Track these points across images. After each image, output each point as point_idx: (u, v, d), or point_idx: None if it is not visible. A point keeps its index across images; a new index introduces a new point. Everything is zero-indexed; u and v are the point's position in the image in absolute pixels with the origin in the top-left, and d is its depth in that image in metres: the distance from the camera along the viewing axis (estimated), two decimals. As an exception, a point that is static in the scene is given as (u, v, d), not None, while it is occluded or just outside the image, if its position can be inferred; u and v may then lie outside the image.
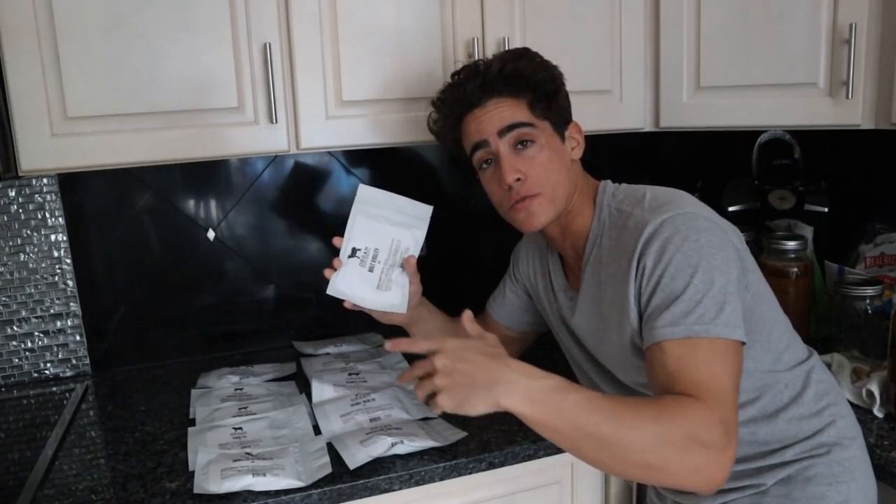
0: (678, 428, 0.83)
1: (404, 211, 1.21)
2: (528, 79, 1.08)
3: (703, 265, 0.93)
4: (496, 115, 1.07)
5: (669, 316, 0.92)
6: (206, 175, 1.63)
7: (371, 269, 1.21)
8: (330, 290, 1.20)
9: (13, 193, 1.51)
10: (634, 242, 0.98)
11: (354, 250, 1.20)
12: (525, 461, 1.19)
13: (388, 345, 0.96)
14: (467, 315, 0.97)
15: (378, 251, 1.21)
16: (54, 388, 1.53)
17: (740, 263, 0.99)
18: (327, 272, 1.20)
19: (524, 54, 1.12)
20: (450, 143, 1.17)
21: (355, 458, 1.12)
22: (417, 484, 1.13)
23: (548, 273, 1.21)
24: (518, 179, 1.06)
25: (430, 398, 0.88)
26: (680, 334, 0.91)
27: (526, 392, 0.84)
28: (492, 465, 1.17)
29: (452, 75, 1.15)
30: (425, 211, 1.22)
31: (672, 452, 0.83)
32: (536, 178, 1.06)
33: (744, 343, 0.93)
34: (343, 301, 1.21)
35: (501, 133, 1.07)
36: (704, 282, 0.92)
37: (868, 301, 1.40)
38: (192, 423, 1.30)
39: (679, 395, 0.88)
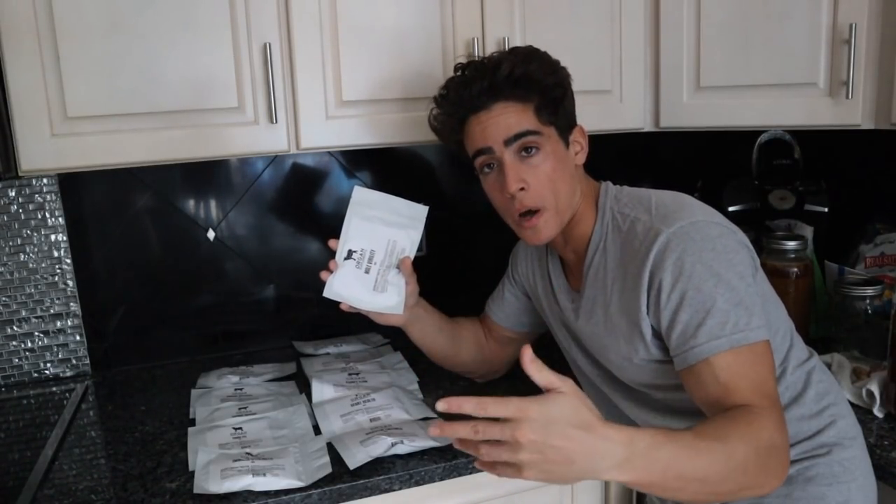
0: (763, 442, 0.86)
1: (400, 212, 1.21)
2: (538, 83, 1.05)
3: (723, 273, 0.94)
4: (502, 122, 1.05)
5: (707, 331, 0.92)
6: (206, 175, 1.63)
7: (367, 271, 1.21)
8: (326, 293, 1.20)
9: (13, 193, 1.51)
10: (645, 252, 0.98)
11: (350, 252, 1.20)
12: (525, 461, 1.19)
13: (434, 430, 0.76)
14: (528, 355, 0.77)
15: (374, 252, 1.21)
16: (54, 388, 1.53)
17: (752, 263, 1.00)
18: (323, 274, 1.20)
19: (534, 55, 1.09)
20: (452, 144, 1.15)
21: (355, 458, 1.12)
22: (417, 484, 1.12)
23: (547, 275, 1.21)
24: (521, 189, 1.05)
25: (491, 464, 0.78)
26: (724, 347, 0.92)
27: (628, 461, 0.77)
28: (492, 465, 1.17)
29: (456, 68, 1.12)
30: (420, 211, 1.22)
31: (765, 465, 0.86)
32: (540, 188, 1.05)
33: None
34: (340, 303, 1.21)
35: (508, 142, 1.05)
36: (729, 289, 0.93)
37: (868, 301, 1.40)
38: (192, 423, 1.30)
39: (743, 407, 0.89)
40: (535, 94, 1.05)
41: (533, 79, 1.05)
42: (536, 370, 0.77)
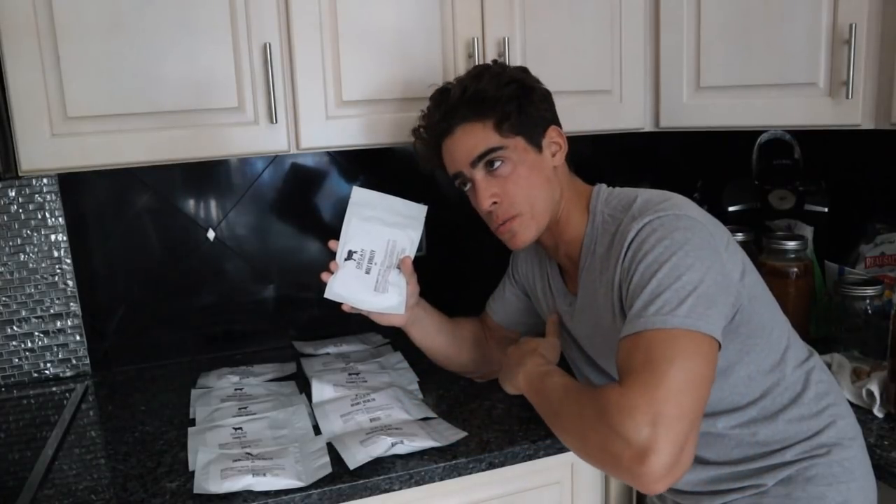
0: (592, 410, 0.88)
1: (398, 211, 1.21)
2: (492, 99, 1.06)
3: (672, 261, 0.92)
4: (464, 145, 1.08)
5: (632, 313, 0.92)
6: (206, 175, 1.63)
7: (368, 272, 1.21)
8: (327, 294, 1.20)
9: (13, 193, 1.51)
10: (619, 248, 0.99)
11: (350, 253, 1.20)
12: (525, 461, 1.19)
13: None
14: (553, 319, 1.18)
15: (374, 253, 1.21)
16: (54, 388, 1.53)
17: (730, 267, 0.97)
18: (324, 276, 1.20)
19: (484, 72, 1.11)
20: (436, 169, 1.18)
21: (355, 458, 1.12)
22: (417, 484, 1.12)
23: (546, 277, 1.22)
24: (494, 203, 1.08)
25: None
26: (638, 328, 0.90)
27: (526, 375, 1.07)
28: (492, 465, 1.17)
29: (430, 98, 1.16)
30: (419, 210, 1.22)
31: (589, 432, 0.88)
32: (512, 197, 1.07)
33: (719, 343, 0.90)
34: (341, 304, 1.21)
35: (473, 163, 1.08)
36: (669, 276, 0.91)
37: (868, 301, 1.40)
38: (192, 423, 1.30)
39: (612, 382, 0.90)
40: (491, 110, 1.07)
41: (485, 96, 1.07)
42: (551, 328, 1.18)
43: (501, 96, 1.07)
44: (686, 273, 0.91)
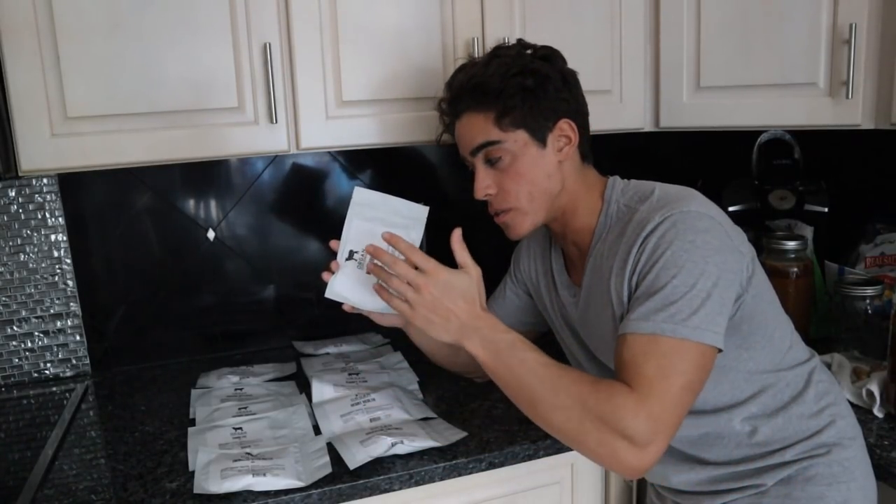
0: (601, 407, 0.89)
1: (400, 212, 1.21)
2: (493, 91, 1.04)
3: (688, 266, 0.92)
4: (466, 133, 1.09)
5: (642, 310, 0.92)
6: (206, 175, 1.63)
7: (369, 272, 1.21)
8: (328, 294, 1.20)
9: (13, 193, 1.51)
10: (635, 237, 0.98)
11: (352, 253, 1.20)
12: (525, 461, 1.19)
13: (386, 234, 1.05)
14: (457, 235, 1.06)
15: None
16: (54, 388, 1.53)
17: (742, 267, 0.98)
18: (325, 275, 1.20)
19: (493, 59, 1.07)
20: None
21: (355, 458, 1.12)
22: (417, 484, 1.12)
23: (550, 271, 1.21)
24: (489, 194, 1.09)
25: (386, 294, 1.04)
26: (646, 329, 0.91)
27: (483, 340, 1.00)
28: (492, 465, 1.17)
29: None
30: (421, 212, 1.22)
31: (589, 428, 0.89)
32: (507, 192, 1.08)
33: (720, 350, 0.93)
34: (342, 304, 1.21)
35: (472, 152, 1.09)
36: (685, 283, 0.91)
37: (868, 301, 1.40)
38: (192, 423, 1.30)
39: (619, 382, 0.91)
40: (493, 102, 1.04)
41: (487, 88, 1.04)
42: (460, 249, 1.05)
43: (505, 88, 1.03)
44: (700, 279, 0.92)
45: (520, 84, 1.04)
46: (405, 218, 1.21)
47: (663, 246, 0.94)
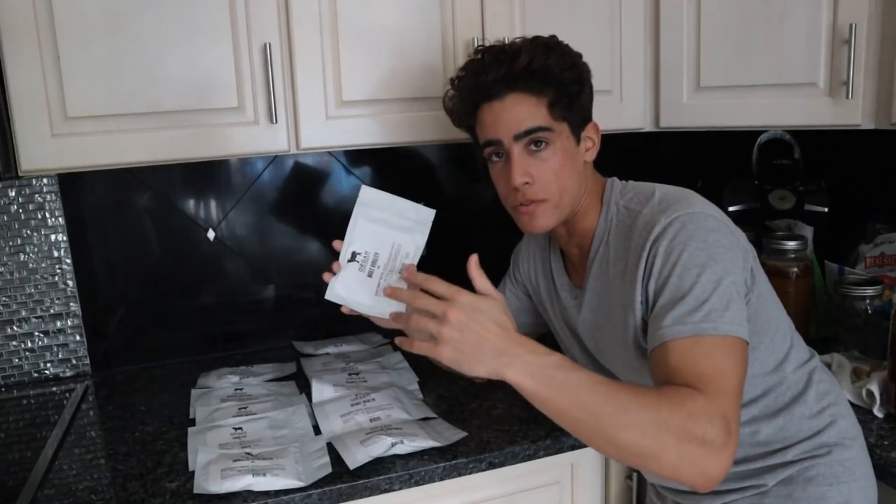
0: (676, 416, 0.82)
1: (406, 215, 1.20)
2: (555, 78, 1.03)
3: (710, 264, 0.92)
4: (514, 116, 1.03)
5: (676, 315, 0.91)
6: (206, 175, 1.63)
7: (370, 274, 1.20)
8: (328, 295, 1.20)
9: (13, 193, 1.51)
10: (643, 241, 0.98)
11: (354, 254, 1.19)
12: (525, 461, 1.19)
13: (406, 273, 1.00)
14: (474, 261, 0.93)
15: (378, 256, 1.20)
16: (54, 388, 1.53)
17: (748, 265, 0.98)
18: (326, 276, 1.20)
19: (555, 47, 1.05)
20: (462, 127, 1.14)
21: (355, 458, 1.12)
22: (417, 484, 1.12)
23: (550, 273, 1.21)
24: (526, 183, 1.04)
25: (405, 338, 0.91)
26: (686, 333, 0.90)
27: (529, 367, 0.84)
28: (492, 465, 1.17)
29: (476, 51, 1.09)
30: (427, 215, 1.20)
31: (669, 440, 0.81)
32: (545, 182, 1.04)
33: (748, 343, 0.92)
34: (340, 306, 1.21)
35: (518, 137, 1.04)
36: (711, 280, 0.91)
37: (868, 301, 1.40)
38: (192, 423, 1.30)
39: (680, 386, 0.86)
40: (551, 89, 1.03)
41: (550, 73, 1.03)
42: (478, 275, 0.92)
43: (566, 79, 1.04)
44: (724, 276, 0.92)
45: (575, 77, 1.05)
46: (411, 221, 1.20)
47: (678, 248, 0.94)
